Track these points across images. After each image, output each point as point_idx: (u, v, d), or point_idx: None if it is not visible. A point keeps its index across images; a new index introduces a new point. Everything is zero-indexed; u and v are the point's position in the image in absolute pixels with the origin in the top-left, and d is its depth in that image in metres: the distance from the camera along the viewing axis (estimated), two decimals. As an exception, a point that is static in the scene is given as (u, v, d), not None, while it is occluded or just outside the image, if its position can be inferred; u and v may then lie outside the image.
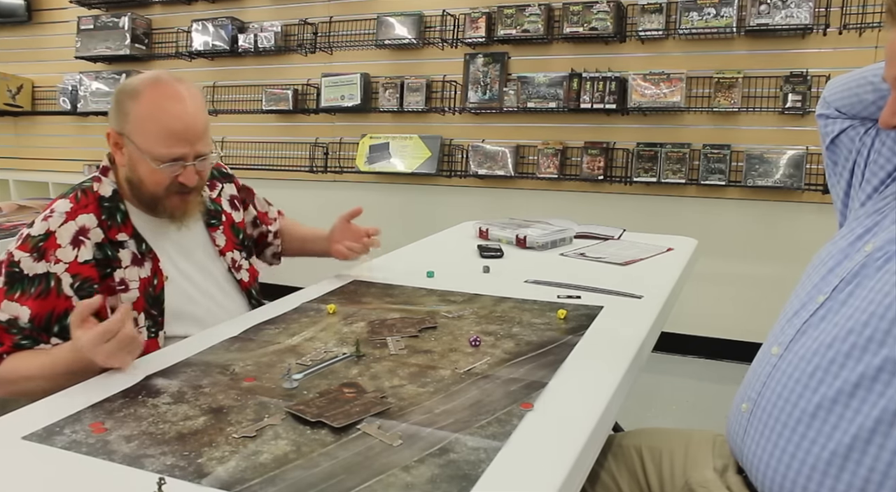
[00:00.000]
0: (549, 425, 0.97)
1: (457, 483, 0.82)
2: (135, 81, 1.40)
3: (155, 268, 1.44)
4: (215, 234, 1.62)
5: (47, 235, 1.34)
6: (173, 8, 4.46)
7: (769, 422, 1.00)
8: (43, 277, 1.31)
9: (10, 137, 5.14)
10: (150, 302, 1.43)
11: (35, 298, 1.30)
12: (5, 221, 2.87)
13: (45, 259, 1.32)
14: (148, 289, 1.43)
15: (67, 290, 1.33)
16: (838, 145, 1.24)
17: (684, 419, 2.84)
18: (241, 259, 1.66)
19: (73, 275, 1.33)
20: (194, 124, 1.38)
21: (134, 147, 1.38)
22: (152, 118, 1.36)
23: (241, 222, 1.73)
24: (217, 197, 1.68)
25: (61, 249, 1.33)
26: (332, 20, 4.06)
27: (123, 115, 1.39)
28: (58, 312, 1.32)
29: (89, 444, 0.93)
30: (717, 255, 3.36)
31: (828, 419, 0.92)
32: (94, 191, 1.43)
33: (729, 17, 3.16)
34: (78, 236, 1.36)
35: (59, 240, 1.34)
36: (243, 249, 1.69)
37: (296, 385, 1.10)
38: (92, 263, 1.36)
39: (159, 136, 1.36)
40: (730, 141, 3.31)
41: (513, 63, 3.71)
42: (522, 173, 3.71)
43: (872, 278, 0.97)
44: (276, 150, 4.30)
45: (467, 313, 1.46)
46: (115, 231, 1.41)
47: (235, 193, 1.75)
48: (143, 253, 1.43)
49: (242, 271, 1.65)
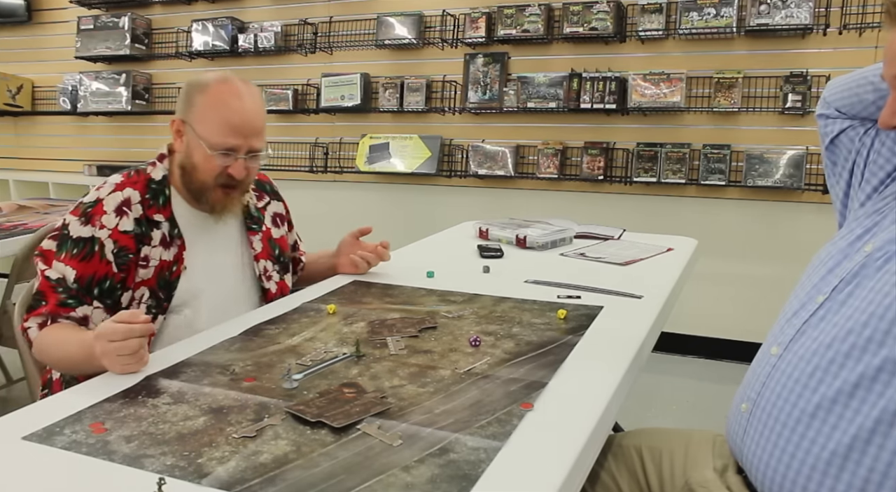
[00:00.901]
0: (549, 425, 0.97)
1: (457, 483, 0.82)
2: (206, 77, 1.51)
3: (179, 255, 1.51)
4: (253, 238, 1.65)
5: (96, 201, 1.45)
6: (173, 8, 4.46)
7: (769, 422, 1.00)
8: (88, 240, 1.43)
9: (10, 136, 5.14)
10: (161, 284, 1.48)
11: (80, 260, 1.42)
12: (5, 221, 2.87)
13: (91, 223, 1.43)
14: (164, 272, 1.49)
15: (109, 255, 1.44)
16: (838, 145, 1.24)
17: (684, 419, 2.84)
18: (272, 271, 1.67)
19: (114, 241, 1.44)
20: (251, 121, 1.48)
21: (193, 134, 1.48)
22: (214, 109, 1.46)
23: (281, 240, 1.74)
24: (262, 208, 1.71)
25: (106, 216, 1.44)
26: (332, 20, 4.06)
27: (189, 104, 1.49)
28: (98, 276, 1.43)
29: (89, 444, 0.93)
30: (717, 255, 3.36)
31: (827, 419, 0.92)
32: (147, 173, 1.53)
33: (729, 17, 3.16)
34: (122, 207, 1.46)
35: (105, 207, 1.45)
36: (277, 263, 1.70)
37: (296, 385, 1.10)
38: (131, 235, 1.46)
39: (218, 125, 1.45)
40: (730, 141, 3.31)
41: (513, 63, 3.71)
42: (522, 173, 3.71)
43: (872, 279, 0.97)
44: (276, 150, 4.30)
45: (467, 313, 1.46)
46: (154, 211, 1.50)
47: (282, 212, 1.78)
48: (172, 237, 1.50)
49: (272, 282, 1.66)
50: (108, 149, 4.78)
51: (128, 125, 4.70)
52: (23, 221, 2.86)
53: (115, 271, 1.44)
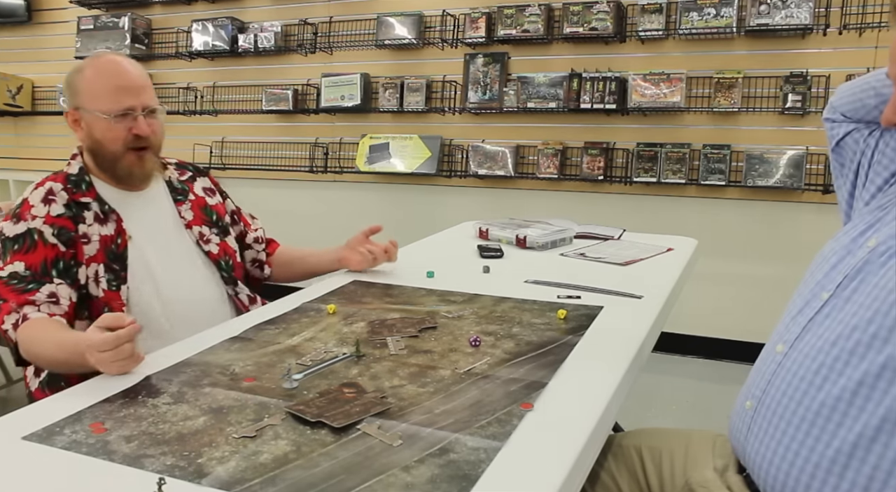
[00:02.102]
0: (549, 425, 0.97)
1: (457, 483, 0.82)
2: (80, 63, 1.58)
3: (119, 229, 1.54)
4: (181, 208, 1.68)
5: (22, 202, 1.51)
6: (173, 8, 4.46)
7: (773, 420, 1.00)
8: (25, 234, 1.46)
9: (10, 137, 5.14)
10: (111, 257, 1.52)
11: (24, 252, 1.45)
12: (5, 221, 2.86)
13: (22, 219, 1.47)
14: (110, 245, 1.52)
15: (51, 238, 1.47)
16: (844, 147, 1.26)
17: (684, 419, 2.84)
18: (210, 234, 1.70)
19: (50, 225, 1.47)
20: (137, 79, 1.54)
21: (88, 113, 1.54)
22: (97, 80, 1.53)
23: (217, 207, 1.77)
24: (188, 181, 1.75)
25: (34, 208, 1.48)
26: (332, 20, 4.06)
27: (74, 91, 1.55)
28: (49, 258, 1.46)
29: (89, 444, 0.93)
30: (717, 255, 3.36)
31: (832, 417, 0.92)
32: (64, 171, 1.58)
33: (729, 17, 3.16)
34: (47, 196, 1.50)
35: (31, 201, 1.49)
36: (214, 226, 1.72)
37: (296, 385, 1.10)
38: (64, 217, 1.49)
39: (106, 93, 1.51)
40: (730, 141, 3.31)
41: (513, 63, 3.71)
42: (522, 173, 3.71)
43: (876, 274, 0.97)
44: (276, 150, 4.30)
45: (467, 313, 1.46)
46: (79, 195, 1.54)
47: (210, 185, 1.81)
48: (105, 213, 1.54)
49: (211, 245, 1.69)
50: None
51: (128, 125, 4.70)
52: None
53: (62, 250, 1.47)
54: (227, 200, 1.85)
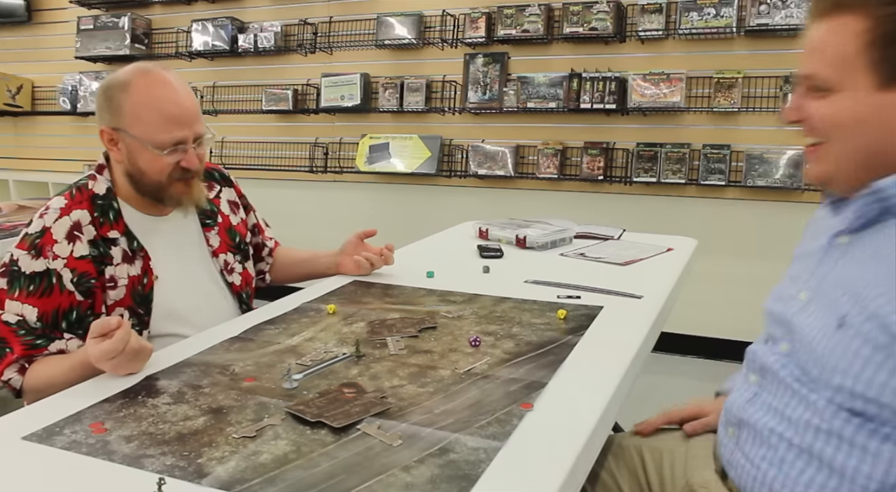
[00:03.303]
0: (549, 425, 0.97)
1: (457, 483, 0.82)
2: (121, 75, 1.41)
3: (145, 266, 1.45)
4: (209, 234, 1.61)
5: (43, 231, 1.36)
6: (173, 8, 4.46)
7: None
8: (44, 274, 1.34)
9: (10, 137, 5.14)
10: (136, 300, 1.43)
11: (39, 296, 1.33)
12: (5, 221, 2.87)
13: (42, 256, 1.34)
14: (137, 287, 1.43)
15: (69, 285, 1.35)
16: None
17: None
18: (234, 262, 1.65)
19: (71, 270, 1.36)
20: (189, 107, 1.41)
21: (132, 139, 1.39)
22: (147, 106, 1.37)
23: (240, 226, 1.71)
24: (215, 198, 1.67)
25: (58, 245, 1.35)
26: (332, 20, 4.06)
27: (116, 108, 1.39)
28: (63, 308, 1.35)
29: (89, 444, 0.93)
30: (717, 255, 3.36)
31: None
32: (89, 188, 1.44)
33: (729, 17, 3.16)
34: (72, 231, 1.37)
35: (54, 235, 1.36)
36: (238, 252, 1.67)
37: (296, 385, 1.10)
38: (88, 259, 1.38)
39: (158, 122, 1.37)
40: (730, 141, 3.31)
41: (513, 63, 3.71)
42: (522, 173, 3.71)
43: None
44: (275, 150, 4.30)
45: (467, 313, 1.46)
46: (107, 228, 1.42)
47: (235, 198, 1.74)
48: (133, 251, 1.44)
49: (234, 275, 1.64)
50: (108, 149, 4.77)
51: (128, 125, 4.69)
52: (23, 221, 2.86)
53: (79, 300, 1.36)
54: (250, 214, 1.79)
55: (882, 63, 0.90)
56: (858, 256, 0.95)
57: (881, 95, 0.91)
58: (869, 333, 0.87)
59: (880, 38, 0.90)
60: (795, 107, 1.01)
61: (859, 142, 0.94)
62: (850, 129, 0.94)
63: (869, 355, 0.87)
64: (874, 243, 0.93)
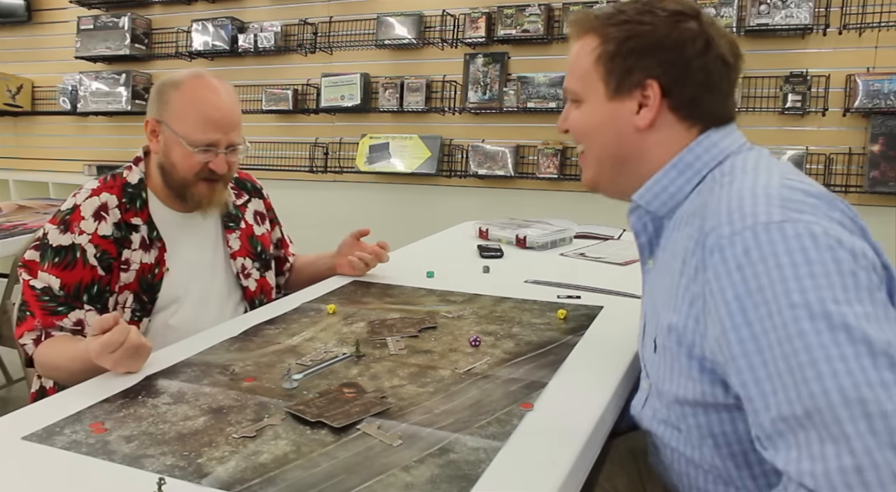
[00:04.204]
0: (549, 425, 0.97)
1: (457, 483, 0.82)
2: (178, 75, 1.51)
3: (160, 257, 1.50)
4: (230, 236, 1.64)
5: (73, 208, 1.45)
6: (173, 8, 4.46)
7: None
8: (69, 248, 1.42)
9: (10, 137, 5.14)
10: (143, 287, 1.48)
11: (63, 268, 1.41)
12: (5, 221, 2.87)
13: (70, 231, 1.43)
14: (146, 275, 1.48)
15: (92, 260, 1.43)
16: None
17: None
18: (251, 268, 1.66)
19: (95, 245, 1.44)
20: (230, 115, 1.49)
21: (171, 133, 1.47)
22: (191, 106, 1.46)
23: (263, 237, 1.73)
24: (242, 206, 1.70)
25: (84, 222, 1.44)
26: (332, 20, 4.06)
27: (164, 103, 1.48)
28: (85, 281, 1.43)
29: (89, 444, 0.93)
30: (717, 255, 3.35)
31: None
32: (123, 177, 1.52)
33: (729, 17, 3.16)
34: (100, 211, 1.46)
35: (83, 212, 1.44)
36: (258, 260, 1.69)
37: (296, 385, 1.10)
38: (110, 239, 1.45)
39: (197, 122, 1.45)
40: (730, 141, 3.30)
41: (513, 63, 3.71)
42: (522, 173, 3.71)
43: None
44: (275, 150, 4.30)
45: (467, 313, 1.46)
46: (132, 214, 1.49)
47: (263, 209, 1.77)
48: (151, 240, 1.50)
49: (250, 280, 1.65)
50: (108, 149, 4.77)
51: (128, 125, 4.69)
52: (23, 221, 2.86)
53: (101, 274, 1.43)
54: (276, 227, 1.81)
55: (610, 75, 1.01)
56: (657, 274, 1.04)
57: (612, 105, 1.02)
58: (667, 346, 0.94)
59: (605, 54, 1.01)
60: (563, 118, 1.11)
61: (604, 147, 1.05)
62: (595, 134, 1.06)
63: (672, 366, 0.93)
64: (663, 257, 1.02)
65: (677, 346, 0.92)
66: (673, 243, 0.99)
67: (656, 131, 1.01)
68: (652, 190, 1.03)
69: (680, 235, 0.97)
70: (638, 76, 0.99)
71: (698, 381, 0.90)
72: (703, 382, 0.89)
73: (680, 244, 0.95)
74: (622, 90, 1.01)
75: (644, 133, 1.01)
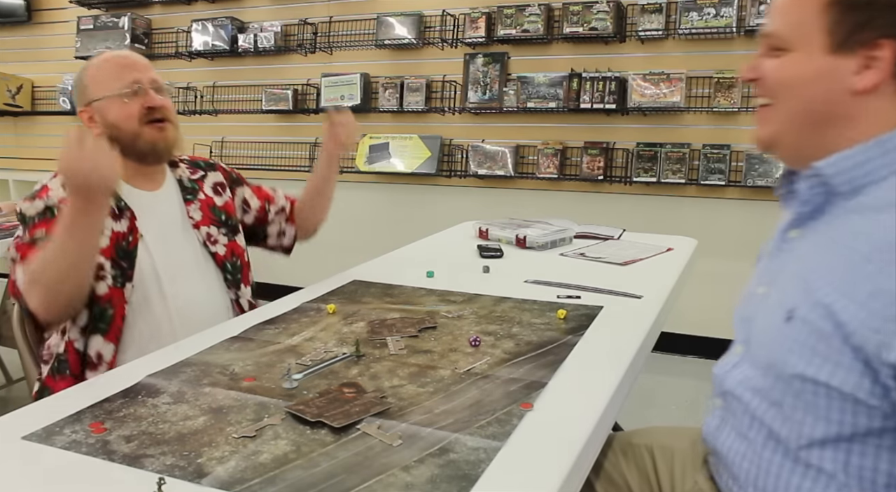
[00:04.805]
0: (549, 425, 0.97)
1: (457, 483, 0.82)
2: (82, 65, 1.61)
3: (132, 226, 1.54)
4: (190, 208, 1.68)
5: (41, 187, 1.52)
6: (173, 8, 4.46)
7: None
8: (45, 209, 1.48)
9: (9, 137, 5.14)
10: (120, 255, 1.51)
11: (45, 223, 1.46)
12: (5, 221, 2.87)
13: (39, 197, 1.49)
14: (121, 242, 1.52)
15: None
16: None
17: (684, 419, 2.84)
18: (218, 235, 1.69)
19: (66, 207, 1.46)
20: (138, 58, 1.59)
21: (99, 103, 1.54)
22: (100, 70, 1.56)
23: (226, 205, 1.75)
24: (199, 180, 1.74)
25: (52, 191, 1.50)
26: (332, 20, 4.06)
27: (82, 87, 1.57)
28: None
29: (89, 444, 0.93)
30: (717, 255, 3.35)
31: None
32: None
33: (729, 17, 3.16)
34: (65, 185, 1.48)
35: (50, 186, 1.51)
36: (223, 226, 1.72)
37: (296, 385, 1.10)
38: None
39: (110, 75, 1.54)
40: (730, 141, 3.31)
41: (513, 63, 3.71)
42: (522, 173, 3.71)
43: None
44: (275, 150, 4.30)
45: (467, 313, 1.46)
46: None
47: (221, 180, 1.79)
48: (120, 209, 1.54)
49: (218, 245, 1.68)
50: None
51: (128, 125, 4.69)
52: (23, 221, 2.86)
53: None
54: (238, 189, 1.82)
55: (837, 26, 0.90)
56: (809, 248, 0.95)
57: (831, 59, 0.91)
58: (815, 323, 0.87)
59: (841, 3, 0.90)
60: (753, 66, 1.02)
61: (806, 102, 0.94)
62: (797, 89, 0.95)
63: (814, 345, 0.87)
64: (829, 233, 0.93)
65: (833, 327, 0.84)
66: (854, 225, 0.90)
67: (874, 99, 0.90)
68: (843, 163, 0.91)
69: (867, 220, 0.88)
70: (870, 33, 0.88)
71: (847, 368, 0.83)
72: (853, 370, 0.83)
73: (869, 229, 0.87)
74: (848, 45, 0.89)
75: (859, 97, 0.90)
